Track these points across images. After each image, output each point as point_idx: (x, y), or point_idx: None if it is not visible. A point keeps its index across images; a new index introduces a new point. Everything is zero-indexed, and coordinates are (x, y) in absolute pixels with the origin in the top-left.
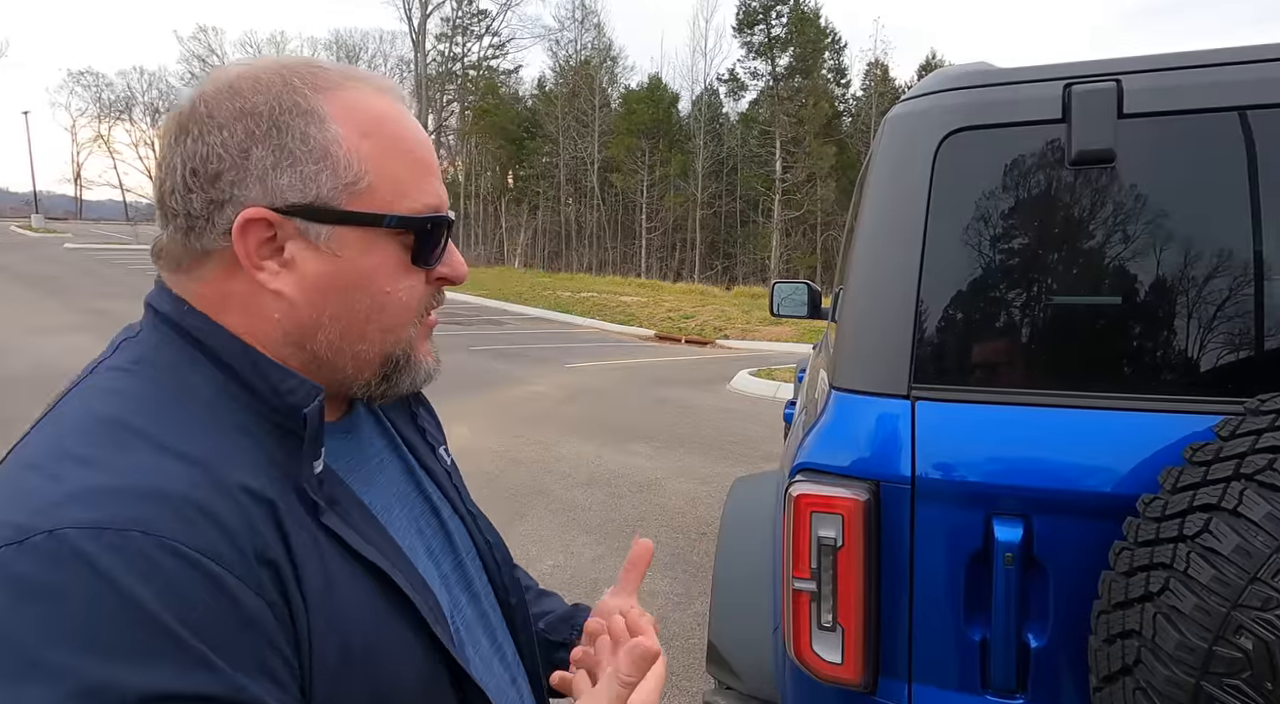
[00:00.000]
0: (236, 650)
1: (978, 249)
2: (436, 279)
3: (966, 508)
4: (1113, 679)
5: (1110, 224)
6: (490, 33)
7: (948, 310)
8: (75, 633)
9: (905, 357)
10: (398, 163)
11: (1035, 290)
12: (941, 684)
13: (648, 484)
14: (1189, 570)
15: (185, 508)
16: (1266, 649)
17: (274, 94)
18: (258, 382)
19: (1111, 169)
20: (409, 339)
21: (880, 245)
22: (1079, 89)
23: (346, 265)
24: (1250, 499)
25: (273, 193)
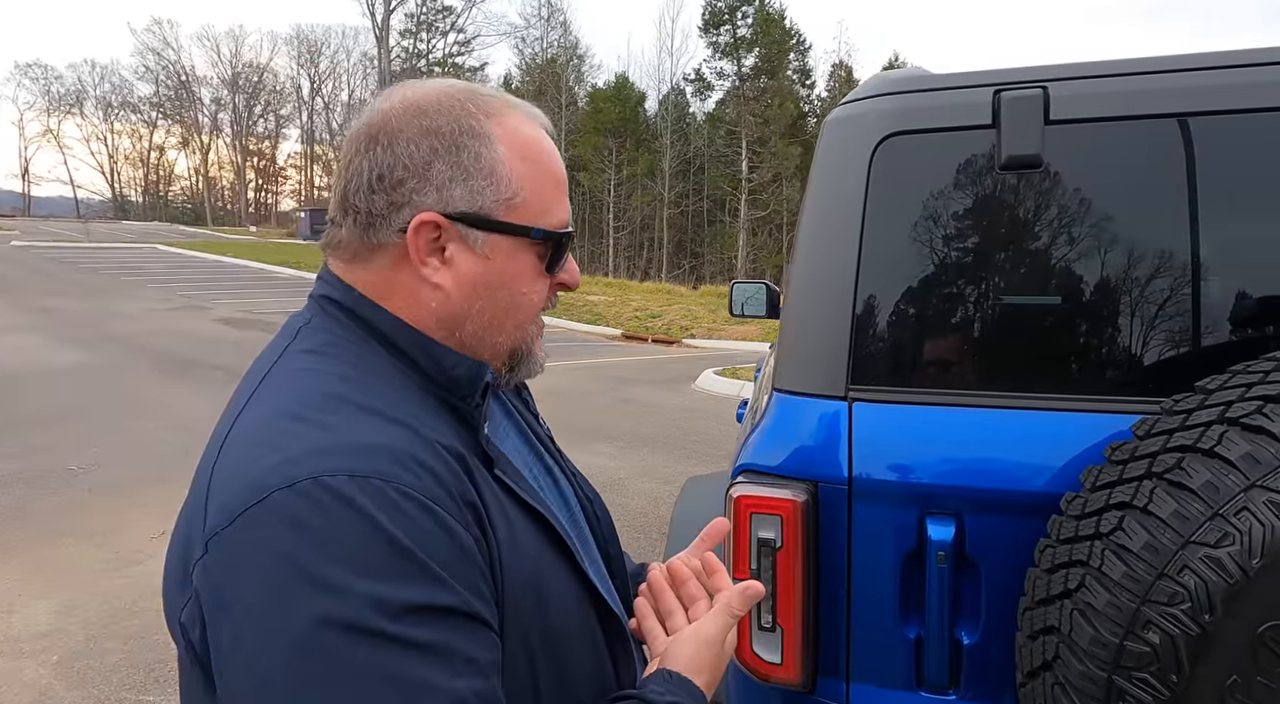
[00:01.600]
0: (461, 573)
1: (913, 252)
2: (556, 284)
3: (902, 507)
4: (1035, 675)
5: (1039, 228)
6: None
7: (884, 312)
8: (347, 557)
9: (843, 358)
10: (545, 183)
11: (969, 293)
12: (879, 682)
13: (610, 484)
14: (1103, 567)
15: (407, 459)
16: (1172, 643)
17: (454, 117)
18: (427, 362)
19: (1039, 174)
20: (532, 335)
21: (819, 248)
22: (1008, 95)
23: (495, 267)
24: (1159, 497)
25: (445, 201)
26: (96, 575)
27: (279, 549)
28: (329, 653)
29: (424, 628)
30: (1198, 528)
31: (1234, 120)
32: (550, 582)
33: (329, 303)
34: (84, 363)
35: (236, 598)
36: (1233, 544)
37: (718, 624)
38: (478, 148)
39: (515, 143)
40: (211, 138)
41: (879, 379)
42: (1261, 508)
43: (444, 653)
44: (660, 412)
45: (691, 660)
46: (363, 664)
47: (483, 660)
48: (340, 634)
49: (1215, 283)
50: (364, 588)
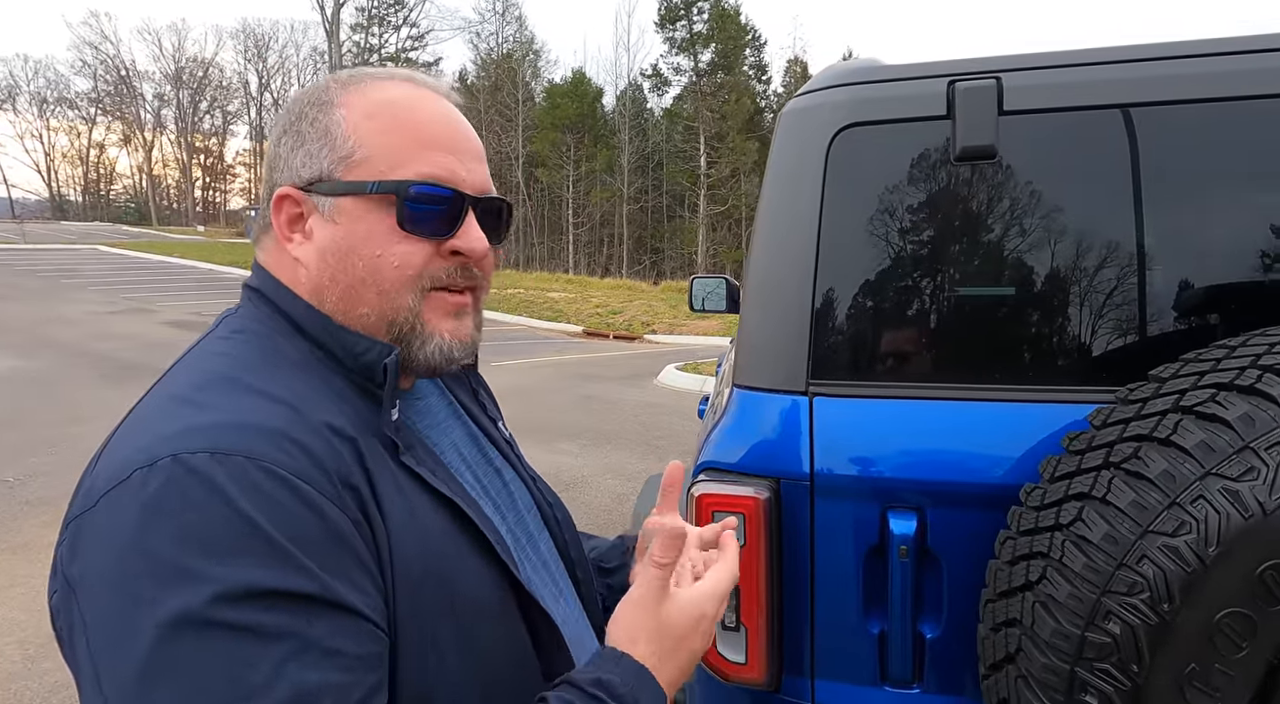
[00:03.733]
0: (326, 558)
1: (871, 245)
2: (450, 253)
3: (863, 502)
4: (998, 667)
5: (995, 219)
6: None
7: (843, 306)
8: (194, 537)
9: (803, 353)
10: (398, 137)
11: (927, 285)
12: (843, 679)
13: (574, 482)
14: (1063, 558)
15: (279, 438)
16: (1133, 633)
17: (311, 93)
18: (335, 345)
19: (994, 165)
20: (410, 307)
21: (776, 242)
22: (962, 86)
23: (343, 231)
24: (1118, 487)
25: (293, 172)
26: (35, 593)
27: (126, 529)
28: (165, 637)
29: (272, 614)
30: (1155, 517)
31: (1187, 110)
32: (462, 574)
33: (250, 290)
34: (20, 370)
35: (82, 580)
36: (1190, 533)
37: (643, 584)
38: (314, 114)
39: (363, 104)
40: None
41: (839, 373)
42: (1217, 495)
43: (294, 642)
44: (623, 408)
45: (627, 630)
46: (201, 651)
47: (349, 653)
48: (179, 619)
49: (1167, 272)
50: (208, 570)
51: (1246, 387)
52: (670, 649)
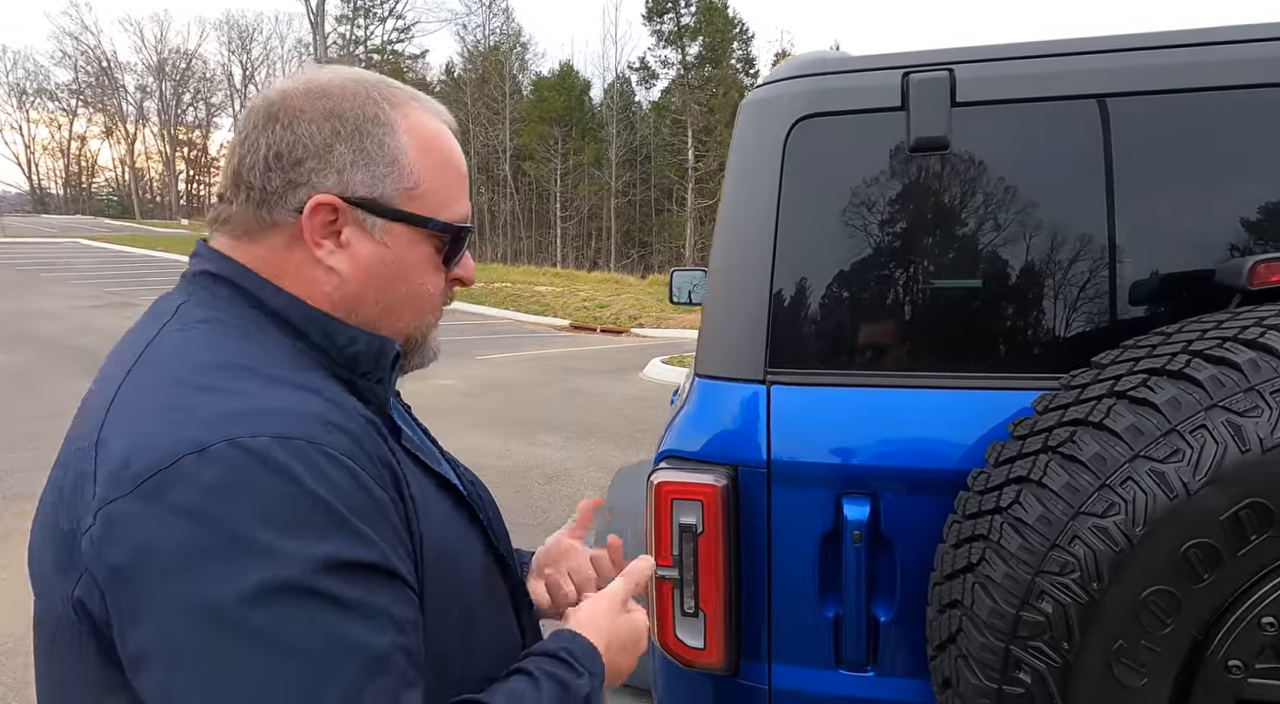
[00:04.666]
0: (380, 529)
1: (828, 235)
2: (452, 279)
3: (819, 489)
4: (942, 648)
5: (949, 210)
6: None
7: (800, 295)
8: (268, 517)
9: (761, 342)
10: (446, 177)
11: (882, 275)
12: (800, 663)
13: (556, 475)
14: (1001, 540)
15: (325, 422)
16: (1064, 611)
17: (359, 102)
18: (323, 339)
19: (947, 156)
20: (427, 325)
21: (736, 232)
22: (916, 78)
23: (392, 255)
24: (1053, 470)
25: (346, 184)
26: (14, 589)
27: (191, 513)
28: (258, 613)
29: (349, 584)
30: (1087, 499)
31: (1137, 102)
32: (461, 547)
33: (211, 279)
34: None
35: (136, 567)
36: (1118, 513)
37: (615, 590)
38: (381, 135)
39: (419, 134)
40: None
41: (796, 362)
42: (1144, 477)
43: (368, 609)
44: (608, 401)
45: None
46: (290, 623)
47: (403, 618)
48: (265, 594)
49: (1116, 261)
50: (287, 546)
51: (1176, 371)
52: (617, 649)
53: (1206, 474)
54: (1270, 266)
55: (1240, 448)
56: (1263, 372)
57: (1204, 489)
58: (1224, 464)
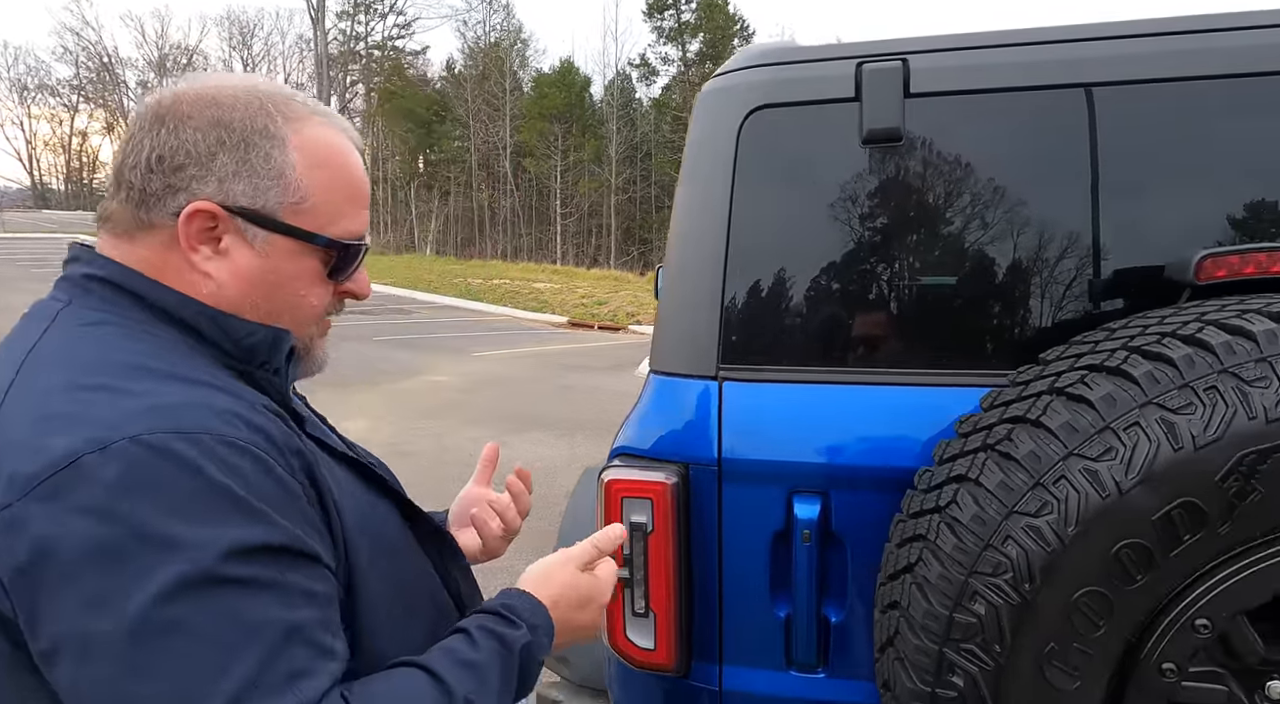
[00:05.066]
0: (290, 513)
1: (780, 229)
2: (342, 292)
3: (770, 487)
4: (883, 650)
5: (903, 204)
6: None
7: (753, 290)
8: (174, 510)
9: (713, 338)
10: (339, 193)
11: (834, 270)
12: (751, 664)
13: (545, 472)
14: (937, 540)
15: (226, 414)
16: (996, 613)
17: (249, 114)
18: (217, 333)
19: (901, 148)
20: (311, 336)
21: (690, 225)
22: (869, 68)
23: (272, 265)
24: (989, 469)
25: (226, 193)
26: None
27: (95, 511)
28: (166, 604)
29: (259, 566)
30: (1020, 498)
31: (1094, 93)
32: (379, 522)
33: (94, 282)
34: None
35: (53, 567)
36: (1051, 513)
37: (576, 551)
38: (269, 148)
39: (312, 150)
40: None
41: (749, 358)
42: (1078, 475)
43: (279, 588)
44: (600, 398)
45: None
46: (197, 610)
47: (320, 593)
48: (171, 585)
49: (1071, 255)
50: (193, 537)
51: (1114, 367)
52: (569, 606)
53: (1139, 473)
54: (1216, 261)
55: (1173, 446)
56: (1197, 367)
57: (1136, 488)
58: (1156, 463)
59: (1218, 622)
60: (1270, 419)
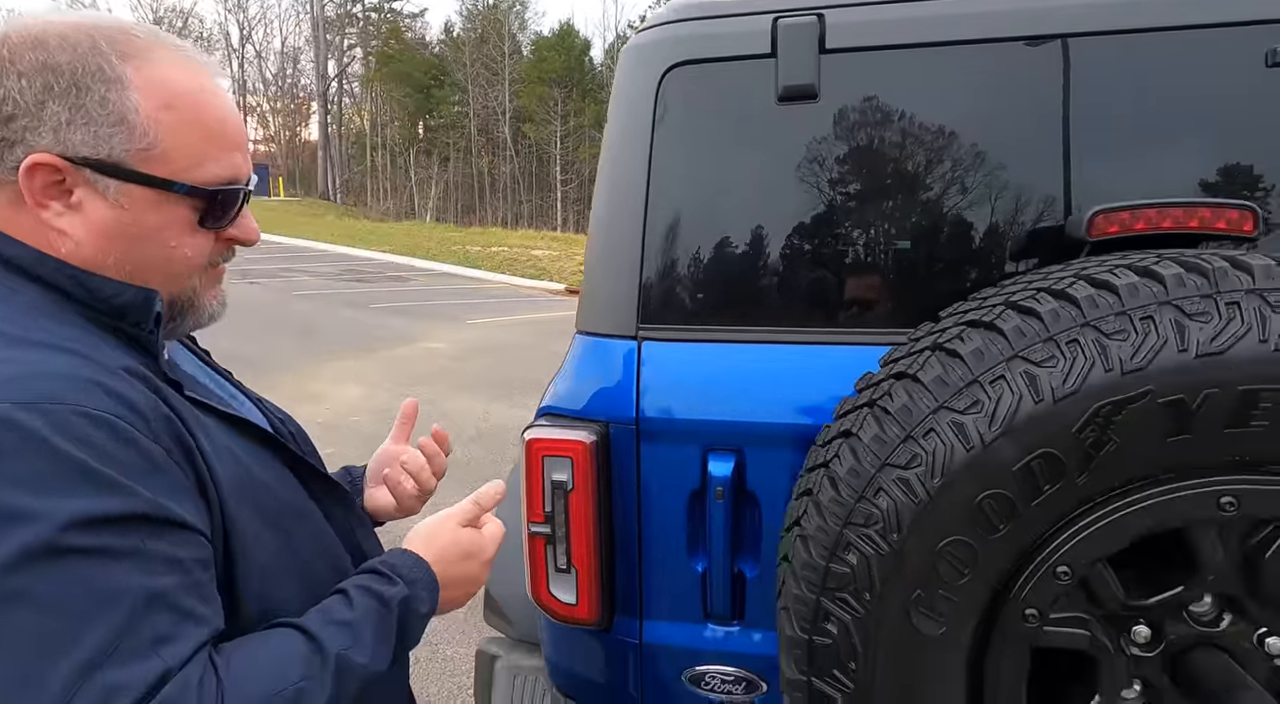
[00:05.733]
0: (149, 481)
1: (696, 188)
2: (227, 239)
3: (686, 445)
4: (777, 599)
5: (819, 162)
6: None
7: (670, 250)
8: (18, 481)
9: (633, 298)
10: (195, 135)
11: (749, 229)
12: (670, 617)
13: None
14: (818, 494)
15: (84, 383)
16: (867, 563)
17: (79, 54)
18: (81, 292)
19: (816, 105)
20: (193, 288)
21: (610, 184)
22: (784, 23)
23: (133, 218)
24: (868, 423)
25: (65, 144)
26: None
27: None
28: (13, 576)
29: (115, 535)
30: (892, 451)
31: (1003, 49)
32: (267, 483)
33: None
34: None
35: None
36: (920, 465)
37: (456, 511)
38: (104, 92)
39: (158, 89)
40: None
41: (667, 317)
42: (946, 428)
43: (141, 556)
44: None
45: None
46: (46, 581)
47: (186, 560)
48: (17, 556)
49: (981, 214)
50: (40, 507)
51: (987, 322)
52: (452, 561)
53: (1001, 425)
54: (1108, 217)
55: (1034, 398)
56: (1062, 321)
57: (999, 440)
58: (1018, 415)
59: (1077, 568)
60: (1125, 371)
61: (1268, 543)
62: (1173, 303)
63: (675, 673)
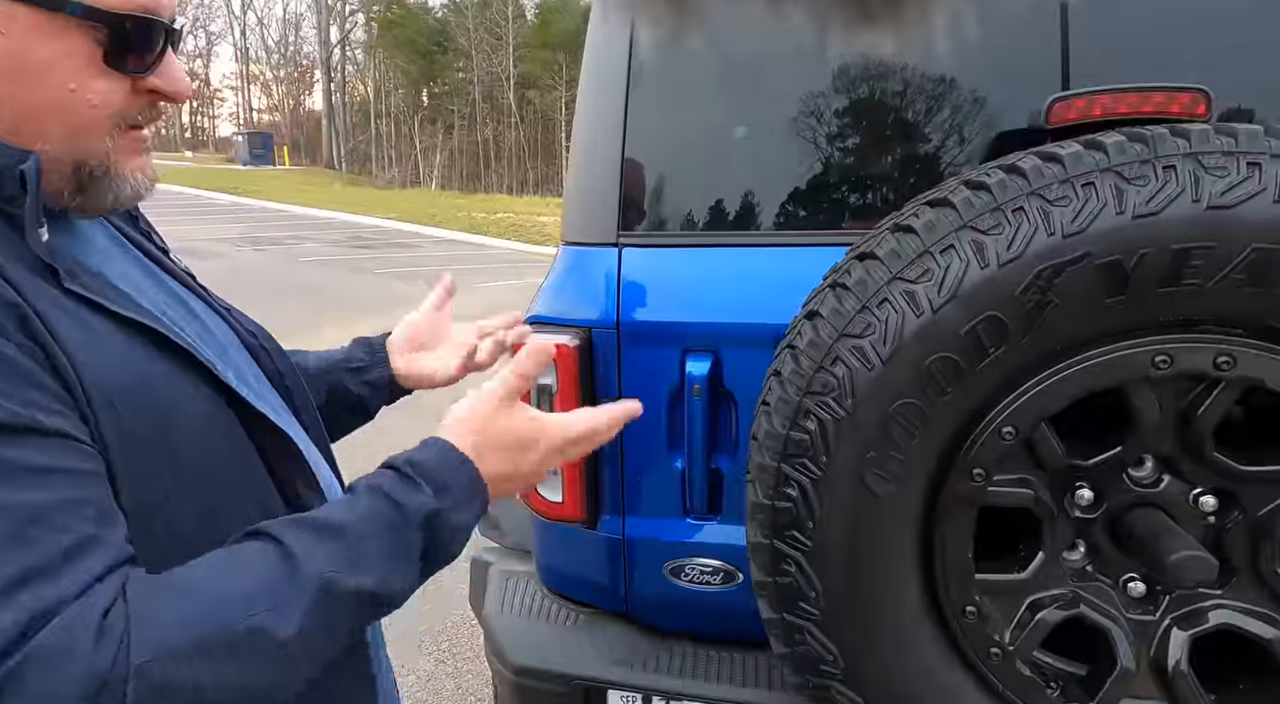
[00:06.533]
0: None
1: (672, 99)
2: (149, 92)
3: (665, 347)
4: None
5: (785, 67)
6: None
7: (649, 160)
8: None
9: (613, 207)
10: None
11: (721, 137)
12: (651, 513)
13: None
14: (780, 368)
15: None
16: (822, 428)
17: None
18: None
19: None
20: (105, 150)
21: (592, 100)
22: None
23: (15, 46)
24: (827, 299)
25: None
26: None
27: None
28: None
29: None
30: (848, 321)
31: None
32: (170, 397)
33: None
34: None
35: None
36: (873, 333)
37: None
38: None
39: None
40: None
41: (646, 225)
42: (898, 298)
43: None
44: None
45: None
46: None
47: (67, 469)
48: None
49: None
50: None
51: (940, 200)
52: (496, 451)
53: (949, 291)
54: (1065, 105)
55: (980, 265)
56: (1009, 190)
57: (946, 306)
58: (965, 281)
59: (1022, 429)
60: (1066, 234)
61: (1199, 402)
62: (1113, 169)
63: (657, 566)
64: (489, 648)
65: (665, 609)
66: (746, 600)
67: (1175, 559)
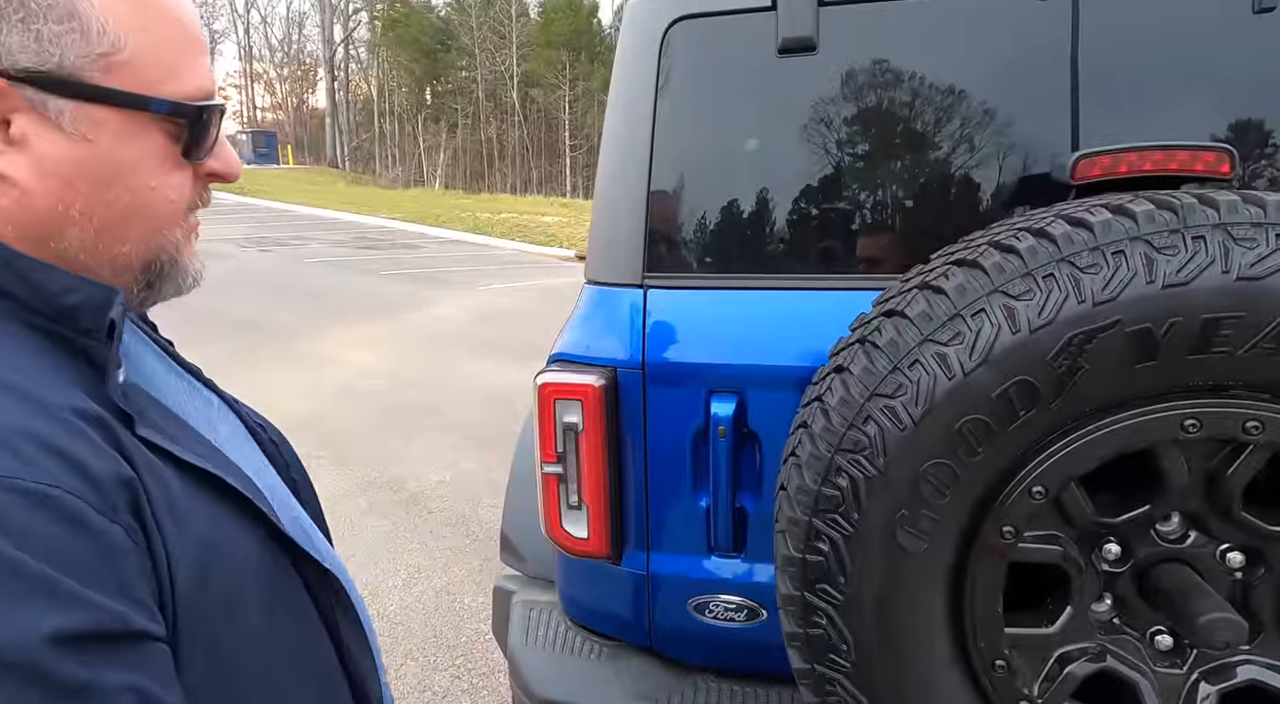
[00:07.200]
0: (106, 581)
1: (702, 140)
2: (206, 175)
3: (690, 387)
4: (774, 526)
5: (816, 116)
6: None
7: (676, 201)
8: None
9: (639, 247)
10: (166, 34)
11: (751, 180)
12: (675, 550)
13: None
14: (811, 424)
15: (23, 441)
16: (854, 485)
17: None
18: (19, 286)
19: (815, 57)
20: (176, 242)
21: (616, 138)
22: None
23: (100, 152)
24: (858, 356)
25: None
26: None
27: None
28: None
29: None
30: (880, 381)
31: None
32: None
33: None
34: None
35: None
36: (905, 394)
37: None
38: None
39: None
40: None
41: (672, 266)
42: (930, 359)
43: (95, 693)
44: None
45: None
46: None
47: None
48: None
49: (975, 162)
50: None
51: (970, 260)
52: None
53: (981, 355)
54: (1090, 161)
55: (1012, 329)
56: (1039, 256)
57: (978, 369)
58: (997, 345)
59: (1051, 488)
60: (1097, 302)
61: (1227, 463)
62: (1143, 238)
63: (681, 602)
64: (514, 680)
65: (689, 644)
66: (770, 637)
67: (1205, 621)
